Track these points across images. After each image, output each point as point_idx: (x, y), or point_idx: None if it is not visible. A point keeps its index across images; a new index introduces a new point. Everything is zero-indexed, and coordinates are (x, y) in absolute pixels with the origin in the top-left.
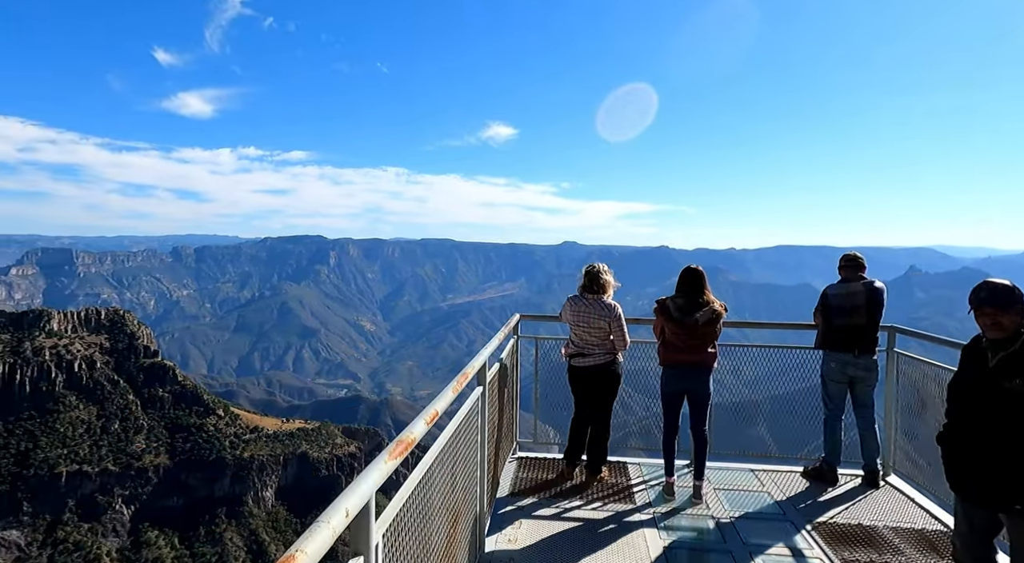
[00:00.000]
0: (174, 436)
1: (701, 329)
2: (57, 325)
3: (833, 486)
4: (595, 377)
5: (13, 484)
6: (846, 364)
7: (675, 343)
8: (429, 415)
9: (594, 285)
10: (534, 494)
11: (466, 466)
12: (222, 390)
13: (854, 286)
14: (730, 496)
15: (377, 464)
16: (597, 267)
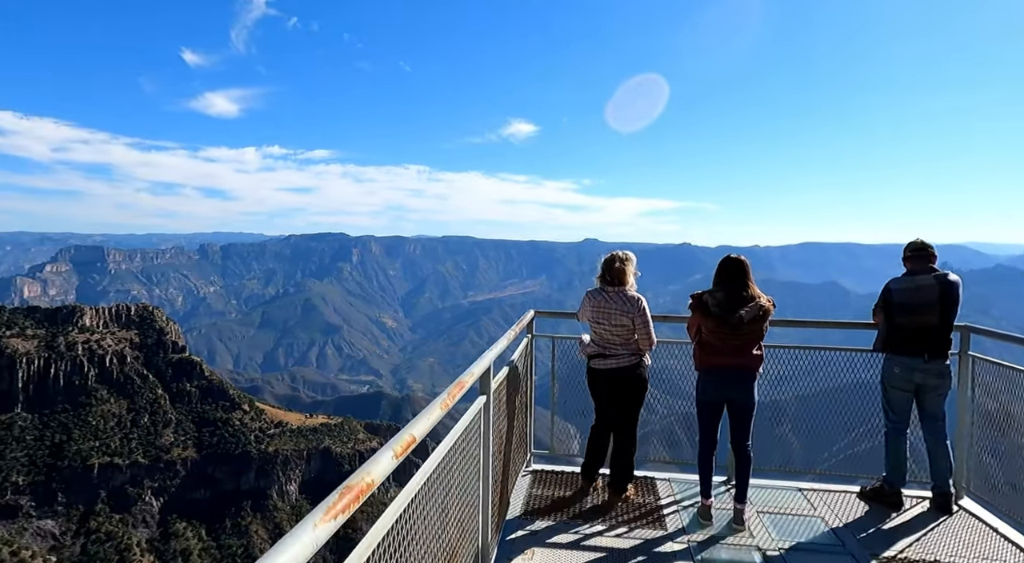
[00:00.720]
0: (201, 430)
1: (746, 327)
2: (89, 321)
3: (897, 511)
4: (618, 381)
5: (48, 475)
6: (913, 370)
7: (714, 344)
8: (400, 445)
9: (609, 275)
10: (550, 515)
11: (464, 494)
12: (247, 385)
13: (923, 279)
14: (777, 522)
15: (301, 532)
16: (616, 255)
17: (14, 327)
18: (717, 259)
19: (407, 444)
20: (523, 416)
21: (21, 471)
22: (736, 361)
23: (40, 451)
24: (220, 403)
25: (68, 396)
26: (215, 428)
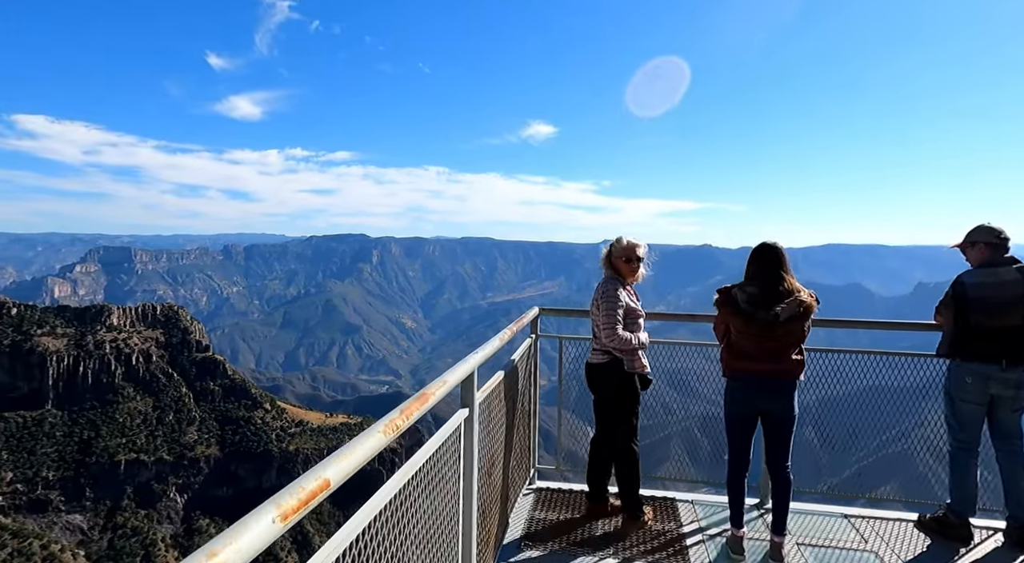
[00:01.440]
0: (224, 428)
1: (782, 328)
2: (117, 320)
3: (965, 545)
4: (590, 381)
5: (77, 471)
6: (988, 379)
7: (746, 346)
8: (294, 501)
9: (605, 264)
10: (552, 541)
11: (435, 524)
12: (269, 384)
13: (1007, 273)
14: (822, 557)
15: None
16: (614, 241)
17: (45, 326)
18: (738, 260)
19: (310, 495)
20: (525, 427)
21: (51, 466)
22: (771, 367)
23: (69, 447)
24: (242, 402)
25: (96, 394)
26: (237, 426)
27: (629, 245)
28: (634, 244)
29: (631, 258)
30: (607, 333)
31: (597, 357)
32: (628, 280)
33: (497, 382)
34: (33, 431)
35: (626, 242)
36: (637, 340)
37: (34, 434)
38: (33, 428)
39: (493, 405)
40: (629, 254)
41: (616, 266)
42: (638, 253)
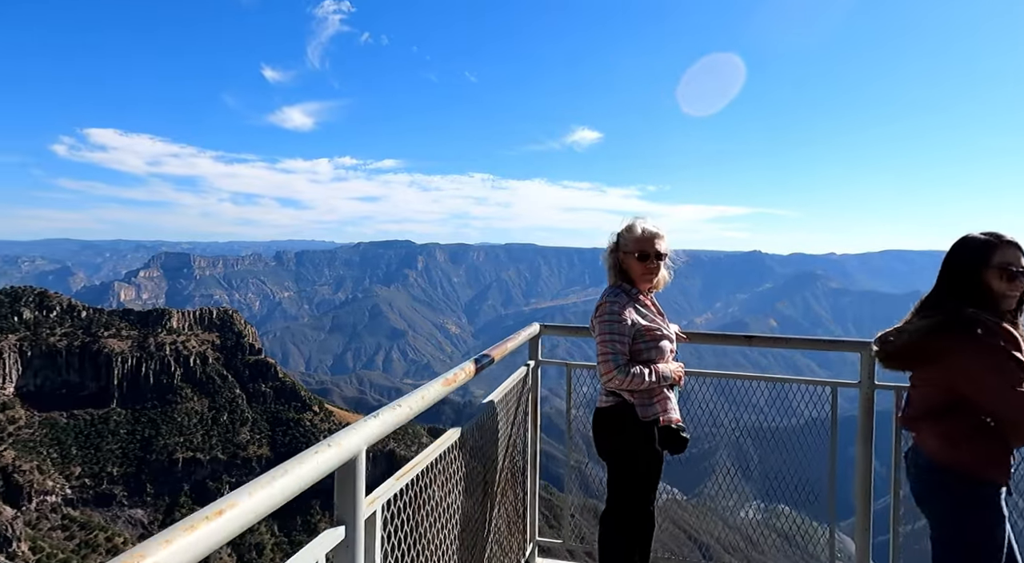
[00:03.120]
0: (275, 429)
1: None
2: (176, 323)
3: None
4: (595, 433)
5: (138, 467)
6: None
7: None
8: None
9: (610, 265)
10: None
11: None
12: (318, 387)
13: None
14: None
15: None
16: (622, 229)
17: (111, 328)
18: (789, 267)
19: None
20: (517, 488)
21: (115, 462)
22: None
23: (132, 444)
24: (292, 404)
25: (157, 393)
26: (287, 428)
27: (644, 234)
28: (651, 233)
29: (646, 253)
30: (603, 367)
31: (602, 399)
32: (642, 287)
33: (468, 431)
34: (99, 428)
35: (640, 230)
36: (652, 375)
37: (100, 431)
38: (99, 425)
39: (469, 458)
40: (644, 247)
41: (625, 266)
42: (657, 246)
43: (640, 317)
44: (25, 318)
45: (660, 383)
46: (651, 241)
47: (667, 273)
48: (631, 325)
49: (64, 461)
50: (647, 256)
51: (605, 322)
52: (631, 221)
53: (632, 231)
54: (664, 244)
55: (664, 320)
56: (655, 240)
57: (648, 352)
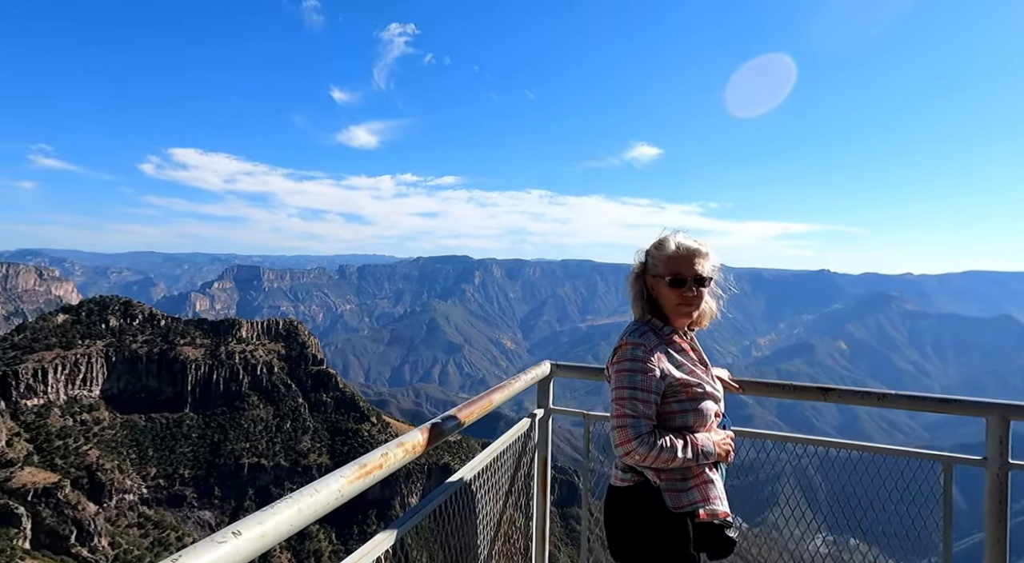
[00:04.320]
0: (334, 438)
1: None
2: (245, 333)
3: None
4: (607, 519)
5: (208, 470)
6: None
7: None
8: None
9: (634, 291)
10: None
11: None
12: (376, 399)
13: None
14: None
15: None
16: (652, 245)
17: (187, 336)
18: (860, 287)
19: None
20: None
21: (187, 465)
22: None
23: (202, 448)
24: (351, 414)
25: (226, 400)
26: (346, 437)
27: (680, 252)
28: (690, 249)
29: (682, 278)
30: (619, 435)
31: (617, 475)
32: (678, 324)
33: (445, 509)
34: (174, 432)
35: (674, 246)
36: (688, 450)
37: (174, 434)
38: (174, 429)
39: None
40: (679, 269)
41: (656, 295)
42: (698, 268)
43: (674, 367)
44: (111, 325)
45: (699, 461)
46: (689, 261)
47: (714, 304)
48: (661, 378)
49: (142, 462)
50: (683, 281)
51: (624, 372)
52: (663, 235)
53: (663, 248)
54: (708, 265)
55: (708, 370)
56: (695, 259)
57: (684, 416)
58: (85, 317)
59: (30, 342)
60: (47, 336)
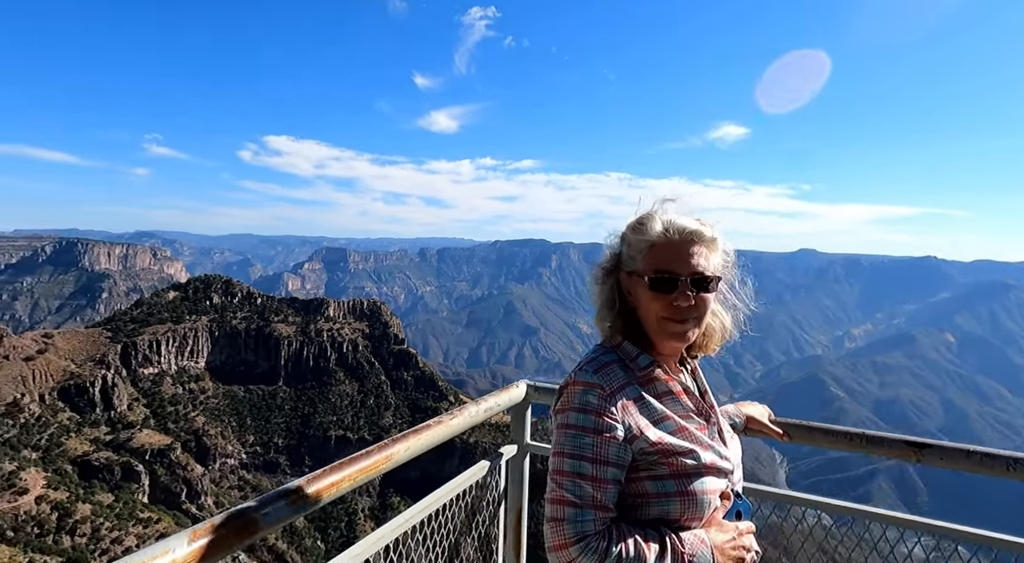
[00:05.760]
0: (414, 415)
1: None
2: (332, 312)
3: None
4: None
5: (299, 440)
6: None
7: None
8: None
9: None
10: None
11: None
12: (454, 378)
13: None
14: None
15: None
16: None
17: (280, 314)
18: (971, 276)
19: None
20: None
21: (280, 434)
22: None
23: (294, 420)
24: (430, 393)
25: (315, 375)
26: (425, 415)
27: (672, 234)
28: (687, 231)
29: (671, 277)
30: (552, 534)
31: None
32: (666, 350)
33: None
34: (268, 403)
35: (662, 225)
36: (668, 559)
37: (269, 406)
38: (269, 400)
39: None
40: (669, 263)
41: (632, 301)
42: (697, 261)
43: (650, 421)
44: (214, 302)
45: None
46: (683, 249)
47: (727, 319)
48: (626, 441)
49: (241, 429)
50: (672, 282)
51: (567, 430)
52: (644, 211)
53: (645, 229)
54: (714, 256)
55: (715, 414)
56: (693, 247)
57: (664, 503)
58: (192, 294)
59: (146, 316)
60: (160, 311)
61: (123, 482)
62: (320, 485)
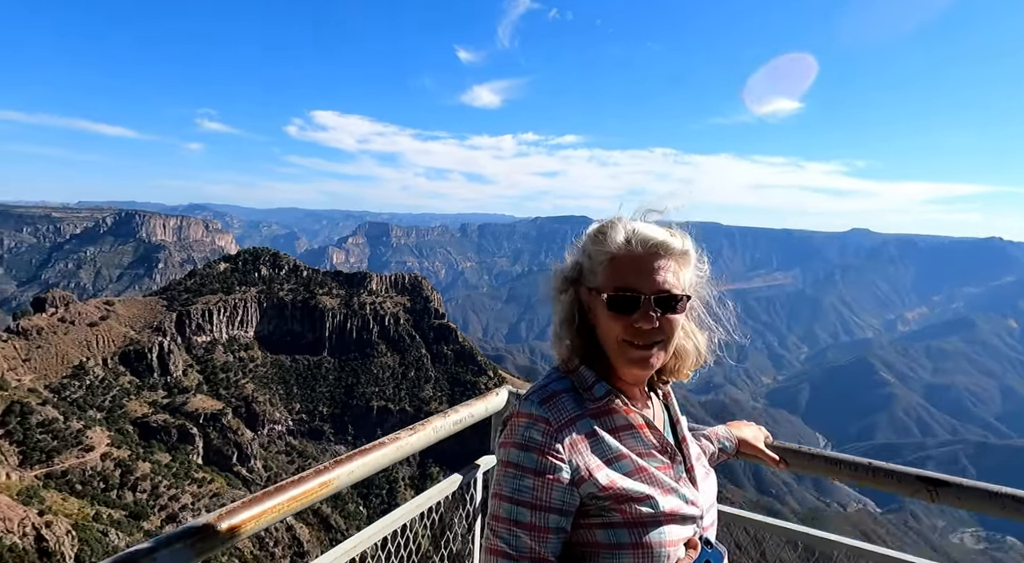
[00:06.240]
0: (454, 388)
1: None
2: (375, 286)
3: None
4: None
5: (342, 410)
6: None
7: None
8: None
9: (561, 316)
10: None
11: None
12: (493, 354)
13: None
14: None
15: None
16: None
17: (325, 287)
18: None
19: None
20: None
21: (325, 403)
22: None
23: (338, 389)
24: (470, 367)
25: (358, 347)
26: (464, 389)
27: (635, 246)
28: (653, 242)
29: (632, 293)
30: None
31: None
32: (627, 377)
33: None
34: (314, 372)
35: (624, 234)
36: None
37: (315, 375)
38: (314, 370)
39: None
40: (630, 279)
41: (592, 319)
42: (663, 277)
43: (603, 461)
44: (263, 274)
45: None
46: (647, 263)
47: (702, 339)
48: (572, 484)
49: (288, 397)
50: (633, 302)
51: (508, 470)
52: (604, 222)
53: (605, 238)
54: (685, 271)
55: (686, 448)
56: (658, 261)
57: (615, 556)
58: (241, 266)
59: (199, 286)
60: (211, 282)
61: (179, 443)
62: (234, 521)
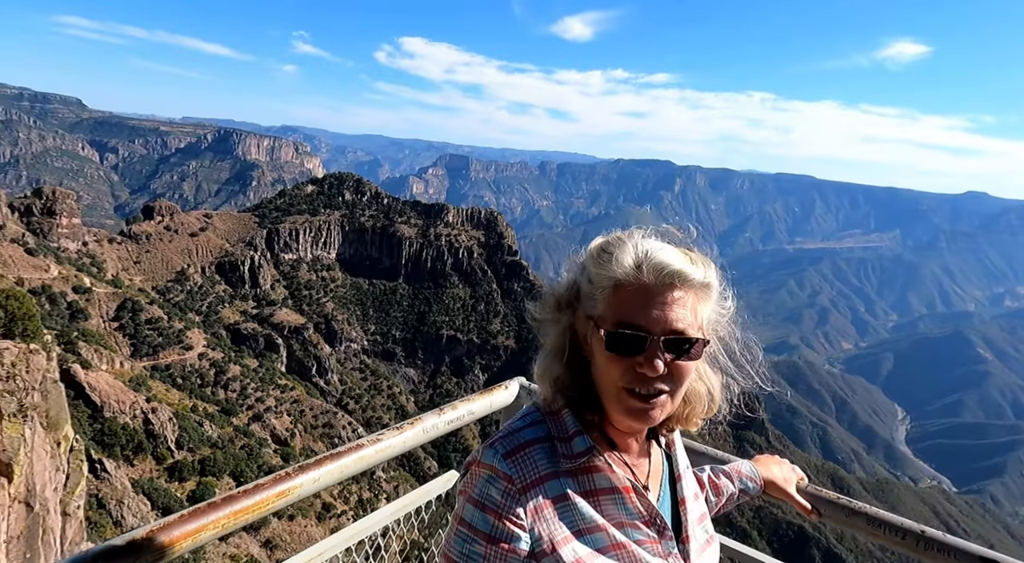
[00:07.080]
0: (521, 325)
1: None
2: (451, 218)
3: None
4: None
5: (414, 335)
6: None
7: None
8: None
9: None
10: None
11: None
12: None
13: None
14: None
15: None
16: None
17: (404, 215)
18: None
19: None
20: None
21: (398, 327)
22: None
23: (411, 316)
24: None
25: (432, 277)
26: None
27: (646, 271)
28: (667, 268)
29: (638, 331)
30: None
31: None
32: (620, 426)
33: None
34: (389, 297)
35: (634, 255)
36: None
37: (389, 300)
38: (389, 295)
39: None
40: (636, 314)
41: (587, 352)
42: (676, 313)
43: (570, 530)
44: (346, 199)
45: None
46: (659, 295)
47: (716, 382)
48: (526, 559)
49: (364, 318)
50: (639, 342)
51: (461, 531)
52: (610, 237)
53: (610, 258)
54: (704, 305)
55: (684, 513)
56: (673, 292)
57: None
58: (327, 189)
59: (288, 206)
60: (299, 202)
61: (265, 351)
62: (176, 533)
